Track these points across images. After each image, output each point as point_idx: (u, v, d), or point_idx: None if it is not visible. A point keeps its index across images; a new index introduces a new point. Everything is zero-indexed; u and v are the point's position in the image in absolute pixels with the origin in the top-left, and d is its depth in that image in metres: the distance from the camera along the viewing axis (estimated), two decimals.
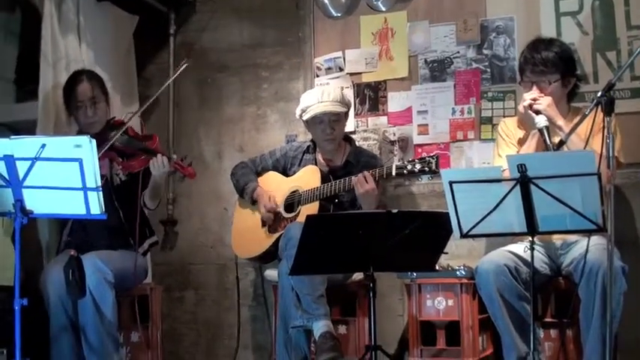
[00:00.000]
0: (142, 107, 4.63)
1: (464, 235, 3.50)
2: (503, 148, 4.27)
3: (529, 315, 3.81)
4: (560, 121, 3.99)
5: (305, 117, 4.67)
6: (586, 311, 3.77)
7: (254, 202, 4.81)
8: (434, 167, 4.10)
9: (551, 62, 4.11)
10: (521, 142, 4.24)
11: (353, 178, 4.34)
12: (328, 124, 4.62)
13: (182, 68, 4.63)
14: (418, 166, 4.13)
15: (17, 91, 5.26)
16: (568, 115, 4.17)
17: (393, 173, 4.22)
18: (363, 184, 4.29)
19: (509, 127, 4.35)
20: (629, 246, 4.35)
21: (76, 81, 4.63)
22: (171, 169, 4.41)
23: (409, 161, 4.19)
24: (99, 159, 4.20)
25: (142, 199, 4.57)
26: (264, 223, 4.75)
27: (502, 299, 3.87)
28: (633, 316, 4.02)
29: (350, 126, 5.19)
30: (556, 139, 3.81)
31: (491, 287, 3.88)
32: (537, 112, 3.99)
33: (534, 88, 4.12)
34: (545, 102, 4.01)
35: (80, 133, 4.61)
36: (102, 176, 4.37)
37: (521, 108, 4.11)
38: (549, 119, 3.94)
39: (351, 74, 5.37)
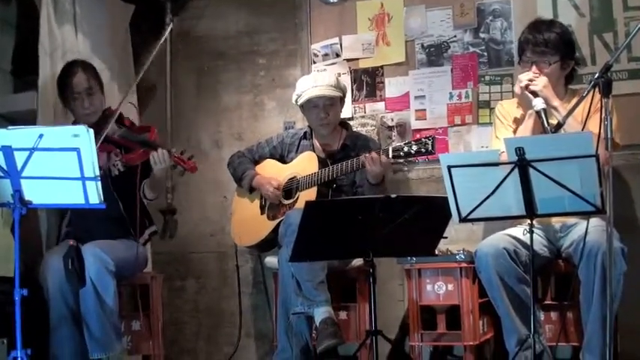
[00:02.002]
0: (133, 84, 4.57)
1: (463, 220, 3.51)
2: (500, 131, 4.27)
3: (529, 298, 3.82)
4: (555, 102, 3.97)
5: (300, 101, 4.69)
6: (586, 293, 3.78)
7: (252, 191, 4.82)
8: (430, 148, 4.10)
9: (552, 43, 4.09)
10: (517, 121, 4.23)
11: (356, 159, 4.34)
12: (322, 108, 4.63)
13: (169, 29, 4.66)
14: (415, 148, 4.14)
15: (14, 82, 5.24)
16: (565, 97, 4.17)
17: (390, 155, 4.22)
18: (376, 162, 4.28)
19: (506, 110, 4.34)
20: (627, 227, 4.35)
21: (71, 72, 4.57)
22: (171, 162, 4.40)
23: (405, 143, 4.19)
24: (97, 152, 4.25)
25: (141, 189, 4.56)
26: (262, 211, 4.76)
27: (502, 282, 3.88)
28: (631, 298, 4.02)
29: (347, 112, 5.20)
30: (553, 121, 3.80)
31: (490, 270, 3.89)
32: (533, 93, 3.98)
33: (534, 68, 4.11)
34: (541, 83, 4.00)
35: (75, 123, 4.59)
36: (99, 168, 4.41)
37: (517, 89, 4.09)
38: (545, 100, 3.94)
39: (348, 60, 5.36)
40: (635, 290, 4.01)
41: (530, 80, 4.02)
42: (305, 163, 4.65)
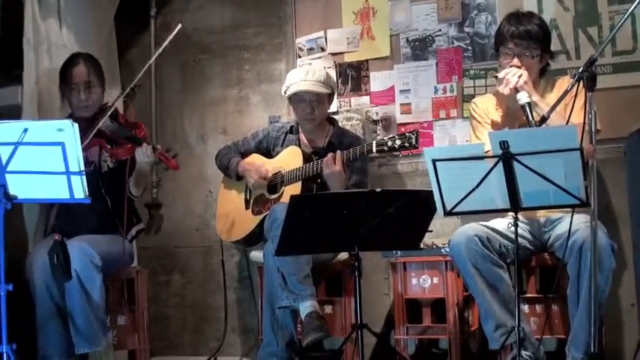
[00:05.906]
0: (137, 76, 4.55)
1: (447, 213, 3.51)
2: (479, 130, 4.25)
3: (503, 280, 3.88)
4: (535, 97, 3.97)
5: (288, 93, 4.68)
6: (574, 288, 3.78)
7: (239, 178, 4.81)
8: (414, 142, 4.09)
9: (535, 35, 4.09)
10: (495, 123, 4.21)
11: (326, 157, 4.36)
12: (309, 103, 4.63)
13: (176, 30, 4.53)
14: (398, 142, 4.14)
15: None
16: (539, 89, 4.16)
17: (374, 150, 4.22)
18: (331, 164, 4.32)
19: (481, 108, 4.31)
20: (609, 221, 4.38)
21: (73, 63, 4.61)
22: (155, 159, 4.40)
23: (389, 137, 4.19)
24: (89, 144, 4.26)
25: (127, 186, 4.56)
26: (247, 206, 4.76)
27: (475, 269, 3.89)
28: (614, 290, 4.05)
29: (333, 106, 5.18)
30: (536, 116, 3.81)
31: (463, 258, 3.91)
32: (516, 89, 3.97)
33: (515, 60, 4.10)
34: (522, 79, 3.99)
35: (71, 116, 4.59)
36: (90, 162, 4.44)
37: (505, 90, 4.03)
38: (527, 95, 3.93)
39: (333, 54, 5.36)
40: (617, 283, 4.04)
41: (519, 76, 4.00)
42: (289, 158, 4.64)
